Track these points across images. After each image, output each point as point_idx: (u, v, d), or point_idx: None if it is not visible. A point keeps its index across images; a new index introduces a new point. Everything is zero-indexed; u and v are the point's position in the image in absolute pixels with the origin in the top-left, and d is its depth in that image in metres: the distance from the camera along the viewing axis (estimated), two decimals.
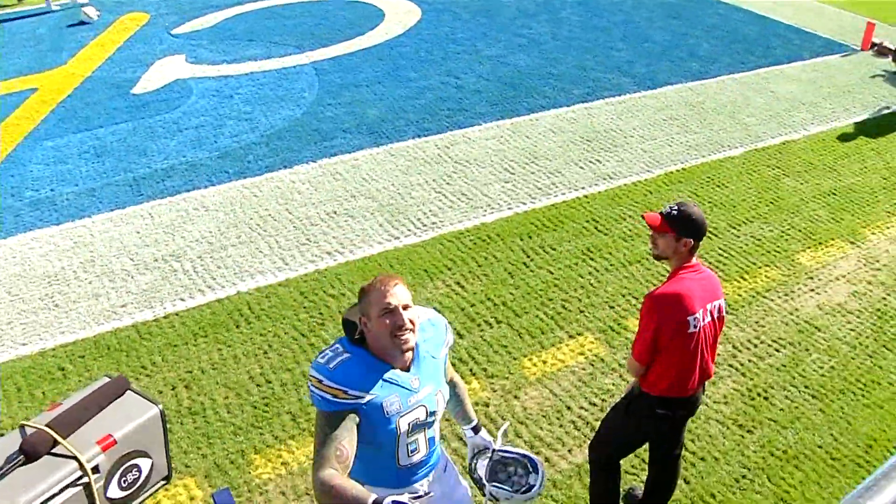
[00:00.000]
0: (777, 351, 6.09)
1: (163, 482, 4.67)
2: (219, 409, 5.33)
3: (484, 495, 3.31)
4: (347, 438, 2.79)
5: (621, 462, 4.49)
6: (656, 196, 8.01)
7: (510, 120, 9.57)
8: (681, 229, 3.84)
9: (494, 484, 3.34)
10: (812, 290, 6.81)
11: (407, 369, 3.00)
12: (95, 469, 4.09)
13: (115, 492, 4.27)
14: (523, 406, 5.42)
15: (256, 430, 5.18)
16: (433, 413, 3.08)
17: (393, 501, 2.43)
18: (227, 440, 5.10)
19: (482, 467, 3.46)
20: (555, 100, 10.16)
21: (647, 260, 6.80)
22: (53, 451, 4.03)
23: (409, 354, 2.98)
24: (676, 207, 3.86)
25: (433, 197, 7.85)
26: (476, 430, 3.56)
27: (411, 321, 2.91)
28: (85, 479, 4.03)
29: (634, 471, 4.95)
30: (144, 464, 4.44)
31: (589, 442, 4.60)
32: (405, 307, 2.90)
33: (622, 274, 6.79)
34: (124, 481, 4.32)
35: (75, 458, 4.01)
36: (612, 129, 9.46)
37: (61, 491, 3.94)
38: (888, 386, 5.81)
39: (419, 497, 2.87)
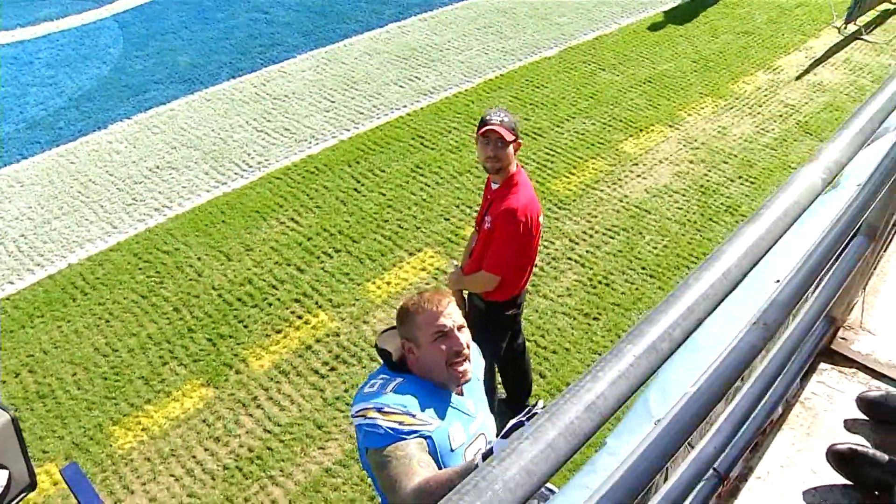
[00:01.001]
0: (612, 238, 6.37)
1: (25, 492, 4.51)
2: (68, 387, 5.19)
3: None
4: (426, 456, 2.32)
5: None
6: (478, 105, 8.13)
7: (324, 48, 9.47)
8: (518, 134, 3.83)
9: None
10: (638, 175, 7.12)
11: (460, 393, 2.61)
12: None
13: None
14: (374, 329, 5.50)
15: (110, 400, 5.08)
16: (490, 443, 2.58)
17: (510, 428, 1.99)
18: (81, 417, 4.98)
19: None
20: (367, 23, 10.09)
21: (477, 169, 6.90)
22: None
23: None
24: (504, 116, 3.79)
25: (255, 136, 7.73)
26: None
27: (468, 345, 2.52)
28: None
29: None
30: (0, 476, 4.28)
31: None
32: (460, 328, 2.51)
33: (453, 185, 6.89)
34: None
35: None
36: (428, 45, 9.48)
37: None
38: None
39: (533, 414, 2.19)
